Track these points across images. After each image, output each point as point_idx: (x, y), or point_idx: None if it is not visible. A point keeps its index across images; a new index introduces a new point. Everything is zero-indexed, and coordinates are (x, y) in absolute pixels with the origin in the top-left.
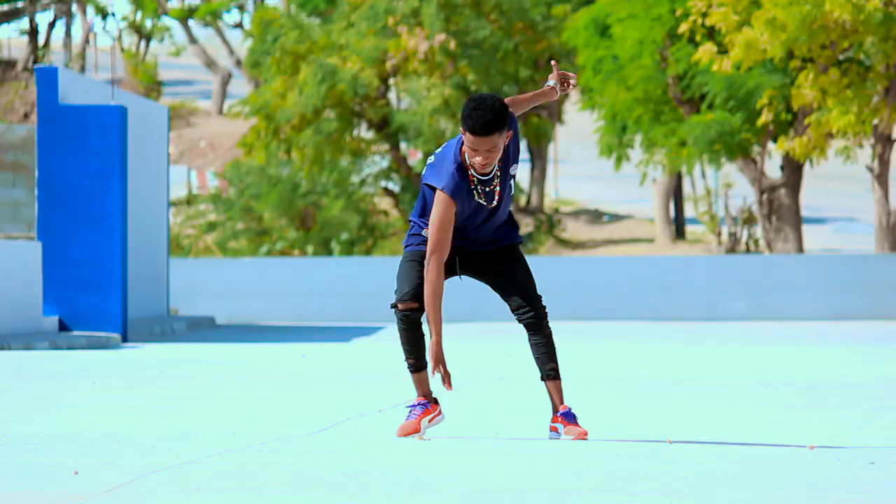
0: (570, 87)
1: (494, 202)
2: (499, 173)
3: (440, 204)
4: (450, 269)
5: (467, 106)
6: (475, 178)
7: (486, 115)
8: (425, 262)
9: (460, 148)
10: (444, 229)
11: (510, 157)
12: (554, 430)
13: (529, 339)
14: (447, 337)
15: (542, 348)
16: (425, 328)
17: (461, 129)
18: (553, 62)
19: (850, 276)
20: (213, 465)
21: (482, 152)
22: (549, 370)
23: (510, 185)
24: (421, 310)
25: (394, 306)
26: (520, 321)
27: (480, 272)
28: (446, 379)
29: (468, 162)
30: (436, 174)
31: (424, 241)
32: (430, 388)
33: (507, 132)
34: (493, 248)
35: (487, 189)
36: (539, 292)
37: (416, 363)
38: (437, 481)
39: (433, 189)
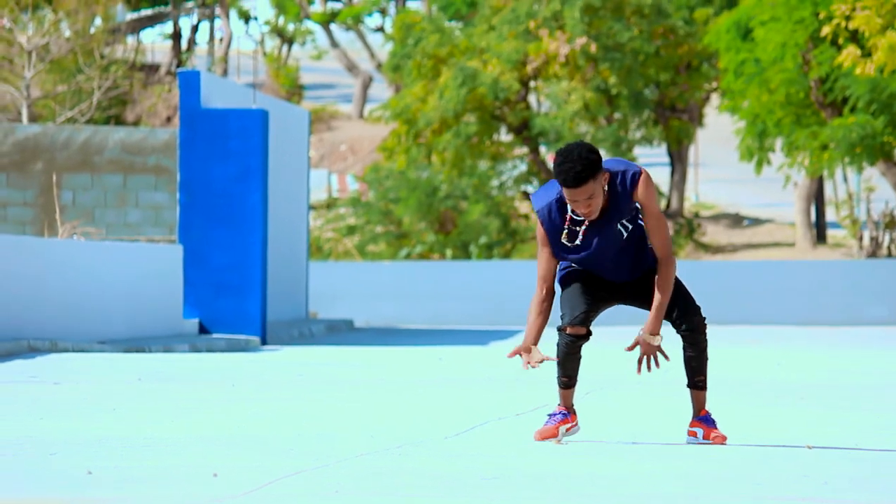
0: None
1: (577, 241)
2: (596, 220)
3: (538, 232)
4: (607, 298)
5: (556, 160)
6: (570, 217)
7: (576, 167)
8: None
9: None
10: (540, 262)
11: (623, 212)
12: (692, 434)
13: (684, 348)
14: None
15: (694, 359)
16: (583, 351)
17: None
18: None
19: None
20: (350, 469)
21: (581, 202)
22: (698, 381)
23: (618, 229)
24: (587, 336)
25: (561, 329)
26: (678, 331)
27: (635, 296)
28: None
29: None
30: (540, 194)
31: (570, 263)
32: (572, 402)
33: (602, 175)
34: (638, 277)
35: (576, 228)
36: (697, 304)
37: (568, 382)
38: (576, 484)
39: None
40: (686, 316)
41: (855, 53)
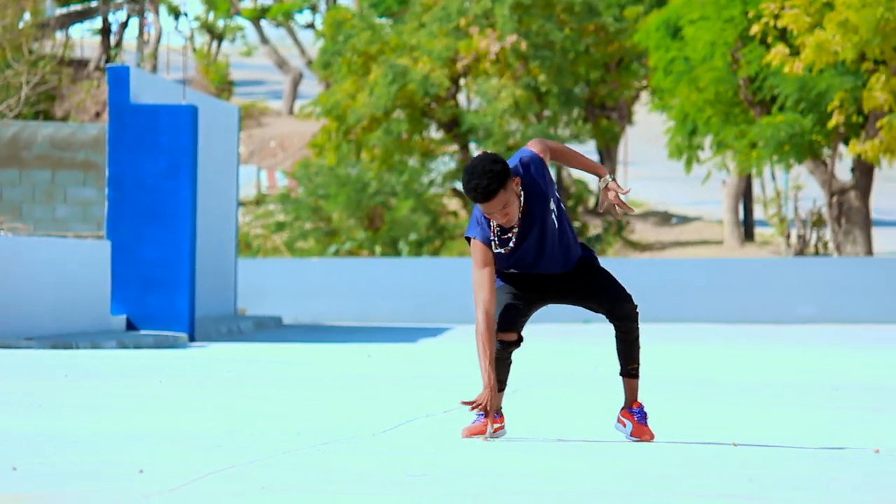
0: (615, 208)
1: (510, 245)
2: (523, 219)
3: (475, 256)
4: (538, 299)
5: (463, 178)
6: (496, 227)
7: (482, 182)
8: (476, 319)
9: None
10: (482, 285)
11: (546, 193)
12: (622, 423)
13: (616, 337)
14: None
15: (628, 347)
16: (520, 355)
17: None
18: (624, 192)
19: None
20: (277, 465)
21: (497, 213)
22: (631, 369)
23: (552, 219)
24: (518, 343)
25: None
26: (611, 320)
27: (565, 292)
28: (489, 424)
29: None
30: (470, 226)
31: (503, 270)
32: (500, 404)
33: (512, 182)
34: (570, 270)
35: (506, 235)
36: (629, 293)
37: (498, 386)
38: (501, 482)
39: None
40: (618, 304)
41: (783, 52)
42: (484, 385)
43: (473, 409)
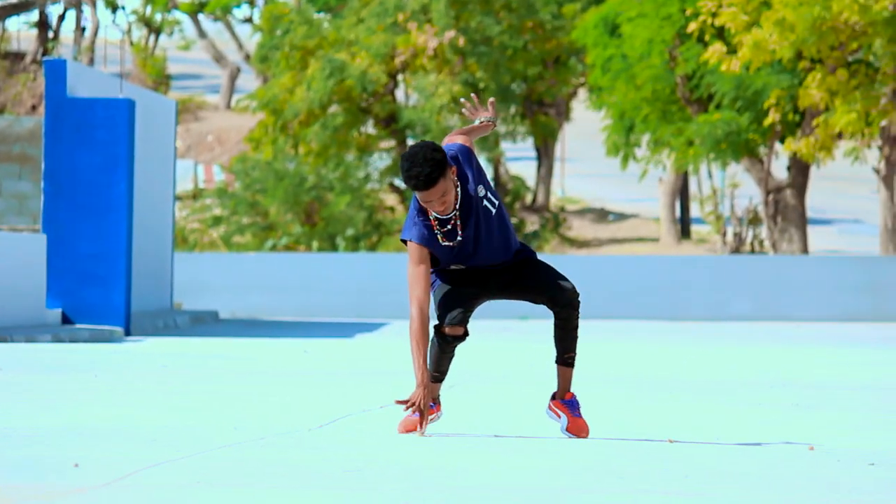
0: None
1: (458, 237)
2: (458, 210)
3: (411, 254)
4: (481, 294)
5: (403, 167)
6: (436, 221)
7: (425, 170)
8: (410, 315)
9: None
10: (417, 282)
11: (472, 181)
12: (555, 412)
13: (556, 324)
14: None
15: (567, 335)
16: (457, 350)
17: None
18: (491, 100)
19: (855, 277)
20: (213, 460)
21: (436, 201)
22: (568, 357)
23: (485, 207)
24: (464, 336)
25: (438, 328)
26: (552, 306)
27: (506, 286)
28: (423, 424)
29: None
30: (406, 228)
31: (445, 267)
32: (438, 394)
33: (450, 170)
34: (510, 264)
35: (447, 228)
36: (570, 282)
37: (439, 377)
38: (437, 477)
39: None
40: (560, 291)
41: (721, 50)
42: (417, 383)
43: (408, 408)
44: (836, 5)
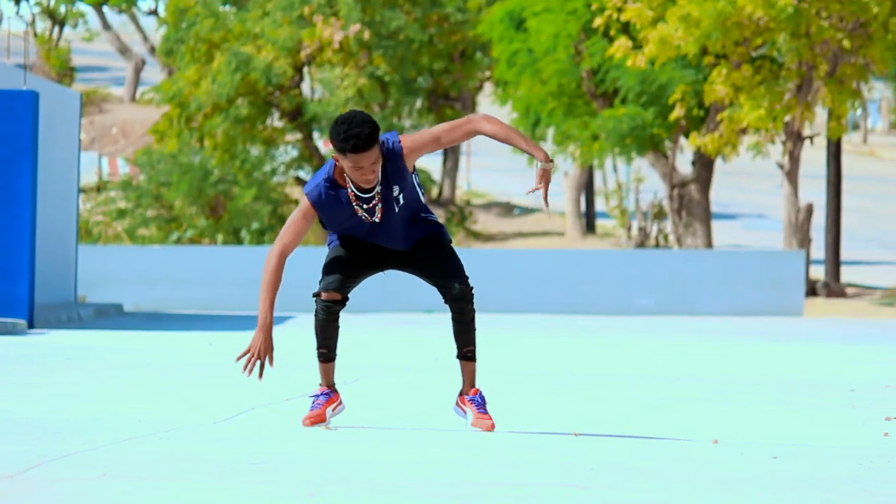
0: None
1: (376, 217)
2: (379, 191)
3: (301, 208)
4: (374, 265)
5: (339, 129)
6: (354, 194)
7: (364, 130)
8: (268, 254)
9: (334, 168)
10: (293, 231)
11: (399, 174)
12: (461, 409)
13: (452, 318)
14: (355, 327)
15: (464, 329)
16: (341, 321)
17: (337, 153)
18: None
19: (758, 272)
20: (117, 452)
21: (367, 167)
22: (467, 351)
23: (400, 198)
24: (343, 302)
25: (316, 295)
26: (446, 300)
27: (405, 263)
28: (262, 368)
29: (349, 179)
30: (310, 183)
31: (341, 234)
32: (333, 379)
33: (378, 143)
34: (412, 246)
35: (368, 206)
36: (466, 274)
37: (328, 354)
38: (343, 470)
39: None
40: (453, 284)
41: (626, 45)
42: (258, 326)
43: (242, 357)
44: (741, 1)
